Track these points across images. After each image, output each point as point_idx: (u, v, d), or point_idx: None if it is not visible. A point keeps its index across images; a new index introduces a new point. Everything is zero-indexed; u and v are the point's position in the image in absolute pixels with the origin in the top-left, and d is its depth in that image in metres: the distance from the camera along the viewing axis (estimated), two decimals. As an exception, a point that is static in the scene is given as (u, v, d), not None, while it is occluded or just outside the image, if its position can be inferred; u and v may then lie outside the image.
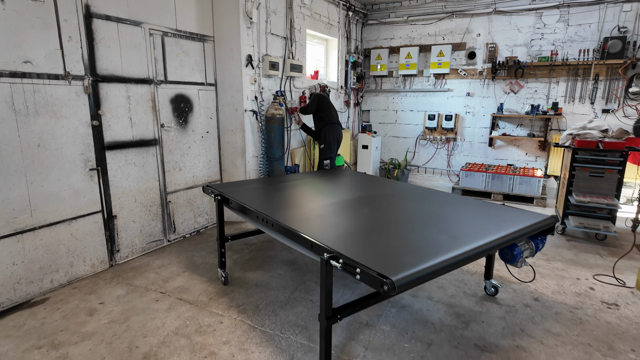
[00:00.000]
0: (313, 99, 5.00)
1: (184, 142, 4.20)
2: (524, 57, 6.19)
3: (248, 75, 4.48)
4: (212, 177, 4.65)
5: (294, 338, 2.46)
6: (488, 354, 2.34)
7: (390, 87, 7.47)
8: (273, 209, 2.61)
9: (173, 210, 4.16)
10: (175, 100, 4.06)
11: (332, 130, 4.95)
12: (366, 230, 2.22)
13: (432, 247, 1.97)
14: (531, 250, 2.50)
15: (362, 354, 2.33)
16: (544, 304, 2.91)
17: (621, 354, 2.34)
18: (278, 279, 3.27)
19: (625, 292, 3.09)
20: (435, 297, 3.01)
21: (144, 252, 3.87)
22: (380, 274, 1.67)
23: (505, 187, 5.79)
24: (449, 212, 2.60)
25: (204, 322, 2.63)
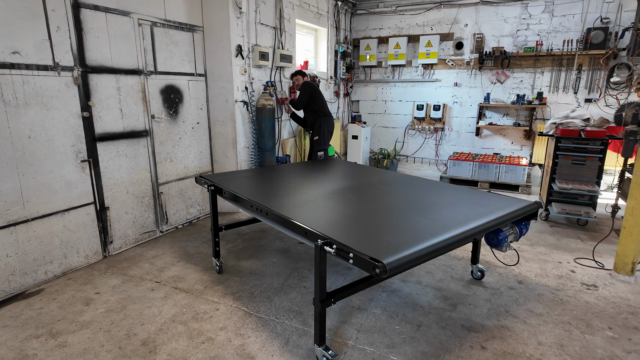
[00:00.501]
0: (303, 90, 4.89)
1: (174, 133, 4.21)
2: (510, 48, 6.29)
3: (238, 66, 4.48)
4: (204, 168, 4.67)
5: (288, 322, 2.54)
6: (474, 333, 2.45)
7: (379, 77, 7.52)
8: (267, 198, 2.67)
9: (165, 202, 4.18)
10: (166, 91, 4.05)
11: (325, 122, 5.00)
12: (357, 217, 2.30)
13: (421, 232, 2.06)
14: (515, 235, 2.61)
15: (355, 336, 2.42)
16: (527, 287, 3.04)
17: (598, 331, 2.48)
18: (272, 267, 3.34)
19: (603, 274, 3.25)
20: (424, 281, 3.12)
21: (137, 243, 3.89)
22: (372, 258, 1.74)
23: (491, 176, 5.93)
24: (437, 199, 2.69)
25: (200, 310, 2.69)
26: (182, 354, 2.23)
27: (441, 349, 2.30)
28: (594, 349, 2.31)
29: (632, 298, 2.88)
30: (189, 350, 2.27)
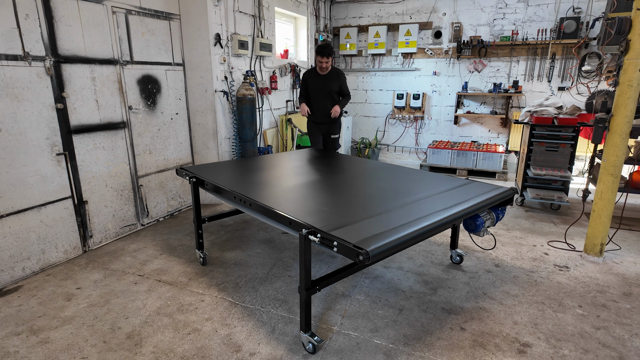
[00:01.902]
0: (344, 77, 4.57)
1: (153, 125, 4.13)
2: (487, 37, 6.40)
3: (217, 55, 4.41)
4: (184, 159, 4.61)
5: (274, 311, 2.58)
6: (454, 315, 2.55)
7: (359, 66, 7.53)
8: (250, 189, 2.67)
9: (145, 194, 4.12)
10: (143, 81, 3.96)
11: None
12: (340, 205, 2.33)
13: (402, 219, 2.11)
14: (492, 220, 2.71)
15: (340, 322, 2.48)
16: (503, 269, 3.17)
17: (569, 310, 2.62)
18: (256, 257, 3.36)
19: (574, 256, 3.41)
20: (406, 267, 3.20)
21: (118, 237, 3.84)
22: (355, 246, 1.79)
23: (469, 163, 6.07)
24: (417, 187, 2.75)
25: (185, 301, 2.69)
26: (168, 346, 2.24)
27: (422, 332, 2.38)
28: (565, 326, 2.44)
29: (600, 277, 3.04)
30: (175, 341, 2.28)
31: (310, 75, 4.52)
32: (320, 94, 4.49)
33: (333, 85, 4.44)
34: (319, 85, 4.46)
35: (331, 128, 4.64)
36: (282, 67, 5.73)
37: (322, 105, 4.51)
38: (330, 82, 4.44)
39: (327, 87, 4.45)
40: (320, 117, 4.58)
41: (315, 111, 4.56)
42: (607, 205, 3.18)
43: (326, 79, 4.44)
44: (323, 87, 4.45)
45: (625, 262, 3.30)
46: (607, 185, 3.15)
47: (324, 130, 4.65)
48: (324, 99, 4.50)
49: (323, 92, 4.48)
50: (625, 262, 3.29)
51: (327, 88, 4.45)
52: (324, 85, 4.45)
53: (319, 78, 4.45)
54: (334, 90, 4.47)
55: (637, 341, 2.30)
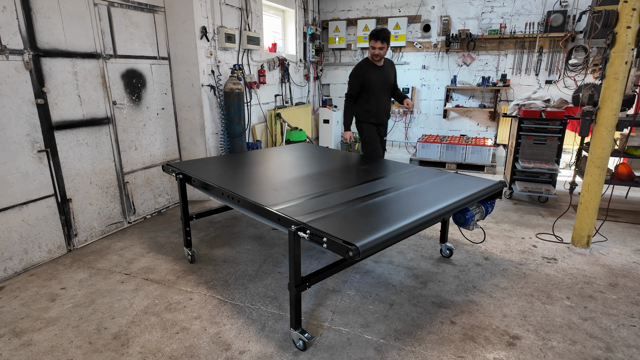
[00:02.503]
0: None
1: (138, 120, 4.04)
2: (475, 30, 6.40)
3: (203, 49, 4.33)
4: (171, 155, 4.53)
5: (264, 308, 2.55)
6: (444, 309, 2.55)
7: (349, 60, 7.49)
8: (238, 185, 2.63)
9: (131, 191, 4.04)
10: (127, 75, 3.86)
11: None
12: (330, 201, 2.31)
13: (392, 214, 2.10)
14: (481, 214, 2.71)
15: (330, 317, 2.47)
16: (493, 262, 3.19)
17: (557, 301, 2.64)
18: (245, 254, 3.33)
19: (562, 248, 3.44)
20: (396, 261, 3.20)
21: (104, 235, 3.76)
22: (345, 242, 1.76)
23: (458, 157, 6.10)
24: (407, 182, 2.74)
25: (173, 300, 2.65)
26: (156, 345, 2.20)
27: (413, 326, 2.38)
28: (554, 317, 2.46)
29: (587, 269, 3.07)
30: (163, 341, 2.24)
31: (366, 69, 3.75)
32: (382, 88, 3.78)
33: (390, 76, 3.82)
34: (379, 79, 3.76)
35: (386, 128, 4.15)
36: (270, 60, 5.66)
37: (384, 102, 3.84)
38: (389, 73, 3.82)
39: (387, 79, 3.80)
40: (382, 117, 3.89)
41: (376, 110, 3.83)
42: (593, 198, 3.22)
43: (384, 70, 3.80)
44: (384, 80, 3.77)
45: (611, 253, 3.34)
46: (593, 178, 3.18)
47: (381, 131, 4.03)
48: (385, 95, 3.84)
49: (384, 87, 3.79)
50: (611, 254, 3.33)
51: (388, 81, 3.80)
52: (384, 77, 3.77)
53: (377, 71, 3.75)
54: (391, 81, 3.85)
55: (623, 331, 2.33)
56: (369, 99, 3.81)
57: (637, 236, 3.69)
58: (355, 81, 3.79)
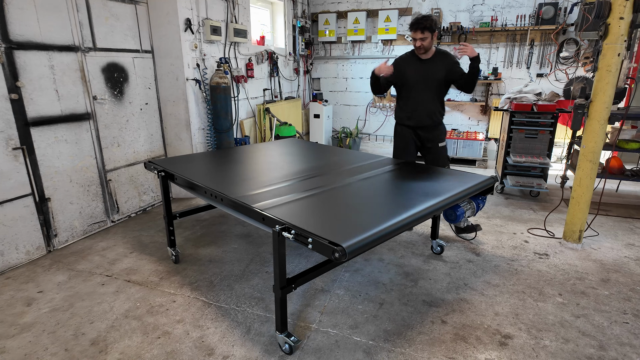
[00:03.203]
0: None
1: (120, 116, 3.91)
2: (466, 23, 6.32)
3: (188, 41, 4.19)
4: (156, 152, 4.41)
5: (250, 310, 2.47)
6: (435, 308, 2.49)
7: (339, 53, 7.37)
8: (222, 182, 2.53)
9: (115, 189, 3.92)
10: (108, 69, 3.72)
11: None
12: (317, 199, 2.23)
13: (380, 212, 2.02)
14: (473, 210, 2.65)
15: (318, 319, 2.39)
16: (484, 259, 3.14)
17: (549, 298, 2.60)
18: (232, 253, 3.24)
19: (554, 243, 3.41)
20: (386, 259, 3.13)
21: (86, 235, 3.64)
22: (331, 242, 1.68)
23: (450, 151, 6.04)
24: (396, 178, 2.66)
25: (155, 303, 2.55)
26: (135, 352, 2.11)
27: (403, 326, 2.32)
28: (546, 315, 2.42)
29: (579, 264, 3.04)
30: (144, 346, 2.15)
31: (405, 61, 3.33)
32: (422, 85, 3.27)
33: (438, 71, 3.21)
34: (419, 74, 3.25)
35: (433, 133, 3.39)
36: (258, 54, 5.53)
37: (424, 101, 3.30)
38: (437, 68, 3.21)
39: (432, 75, 3.23)
40: (418, 118, 3.35)
41: (412, 111, 3.35)
42: (585, 192, 3.18)
43: (430, 64, 3.24)
44: (427, 75, 3.23)
45: (602, 247, 3.31)
46: (585, 172, 3.14)
47: (424, 136, 3.41)
48: (427, 93, 3.28)
49: (427, 83, 3.26)
50: (603, 248, 3.30)
51: (433, 76, 3.23)
52: (428, 72, 3.23)
53: (419, 64, 3.26)
54: (439, 77, 3.22)
55: (616, 328, 2.29)
56: (404, 96, 3.36)
57: (628, 230, 3.67)
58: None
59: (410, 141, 3.46)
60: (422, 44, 3.11)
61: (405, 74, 3.30)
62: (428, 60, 3.24)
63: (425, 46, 3.13)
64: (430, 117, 3.34)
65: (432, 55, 3.24)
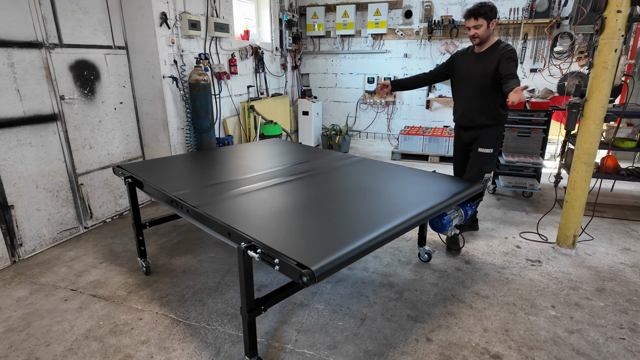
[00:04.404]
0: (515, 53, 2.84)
1: (92, 116, 3.69)
2: (458, 16, 6.13)
3: (164, 36, 3.97)
4: (132, 153, 4.20)
5: (221, 329, 2.29)
6: (420, 324, 2.33)
7: (328, 48, 7.16)
8: (192, 189, 2.34)
9: (87, 194, 3.71)
10: (77, 67, 3.50)
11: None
12: (293, 211, 2.04)
13: (358, 226, 1.84)
14: (460, 218, 2.48)
15: (295, 337, 2.22)
16: (474, 266, 2.98)
17: (542, 311, 2.44)
18: (209, 262, 3.05)
19: (547, 248, 3.26)
20: (371, 267, 2.97)
21: (56, 243, 3.44)
22: (299, 264, 1.51)
23: (441, 149, 5.88)
24: (379, 185, 2.48)
25: (120, 321, 2.37)
26: (92, 379, 1.93)
27: (385, 345, 2.16)
28: (538, 331, 2.26)
29: (572, 272, 2.89)
30: (102, 373, 1.97)
31: (460, 55, 3.07)
32: (467, 82, 2.98)
33: (486, 66, 2.84)
34: (467, 69, 2.97)
35: (475, 136, 3.06)
36: (242, 49, 5.31)
37: (466, 98, 3.02)
38: (484, 62, 2.86)
39: (475, 70, 2.90)
40: (465, 120, 3.07)
41: (456, 109, 3.15)
42: (580, 196, 3.02)
43: (481, 58, 2.90)
44: (474, 71, 2.92)
45: (597, 253, 3.17)
46: (580, 175, 2.98)
47: (468, 138, 3.12)
48: (472, 90, 2.96)
49: (473, 80, 2.94)
50: (598, 254, 3.16)
51: (476, 72, 2.89)
52: (475, 68, 2.91)
53: (470, 59, 2.97)
54: (485, 73, 2.84)
55: (612, 346, 2.15)
56: (454, 93, 3.17)
57: (623, 233, 3.53)
58: (443, 64, 3.20)
59: (458, 143, 3.28)
60: (475, 33, 2.79)
61: (454, 69, 3.09)
62: (481, 53, 2.90)
63: (479, 35, 2.80)
64: (471, 118, 3.03)
65: (486, 48, 2.88)
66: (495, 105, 2.96)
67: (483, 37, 2.84)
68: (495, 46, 2.88)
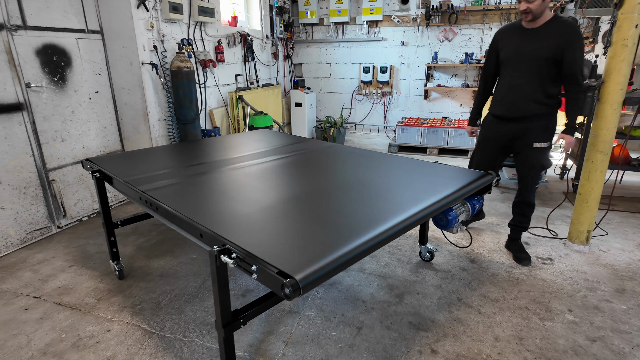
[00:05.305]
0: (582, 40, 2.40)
1: (64, 106, 3.39)
2: (457, 2, 5.85)
3: (142, 20, 3.66)
4: (110, 147, 3.90)
5: (199, 341, 2.03)
6: (423, 332, 2.08)
7: (322, 36, 6.86)
8: (164, 186, 2.06)
9: (60, 191, 3.42)
10: (45, 52, 3.19)
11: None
12: (277, 209, 1.77)
13: (352, 226, 1.58)
14: (467, 213, 2.22)
15: (282, 351, 1.96)
16: (480, 266, 2.73)
17: (558, 316, 2.20)
18: (190, 265, 2.78)
19: (557, 244, 3.01)
20: (368, 268, 2.71)
21: (24, 244, 3.15)
22: (281, 272, 1.24)
23: (440, 141, 5.62)
24: (377, 178, 2.22)
25: (85, 333, 2.10)
26: (44, 405, 1.66)
27: (385, 358, 1.90)
28: (555, 339, 2.02)
29: (588, 271, 2.65)
30: (57, 397, 1.70)
31: (506, 33, 2.62)
32: (515, 62, 2.54)
33: (544, 46, 2.40)
34: (518, 47, 2.51)
35: (527, 129, 2.57)
36: (229, 36, 5.00)
37: (517, 84, 2.54)
38: (541, 40, 2.42)
39: (530, 49, 2.45)
40: (508, 107, 2.60)
41: (503, 96, 2.62)
42: (595, 187, 2.77)
43: (534, 35, 2.45)
44: (522, 49, 2.49)
45: (612, 249, 2.93)
46: (595, 165, 2.73)
47: (514, 132, 2.62)
48: (520, 73, 2.52)
49: (520, 60, 2.51)
50: (613, 250, 2.92)
51: (531, 52, 2.45)
52: (525, 45, 2.48)
53: (521, 36, 2.51)
54: (543, 54, 2.40)
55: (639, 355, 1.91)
56: (500, 77, 2.70)
57: (637, 227, 3.30)
58: (489, 53, 2.71)
59: (493, 137, 2.73)
60: (528, 7, 2.35)
61: (503, 49, 2.60)
62: (534, 30, 2.45)
63: (533, 10, 2.35)
64: (522, 107, 2.53)
65: (542, 23, 2.43)
66: (552, 90, 2.48)
67: (537, 12, 2.37)
68: (554, 22, 2.39)
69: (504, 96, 2.62)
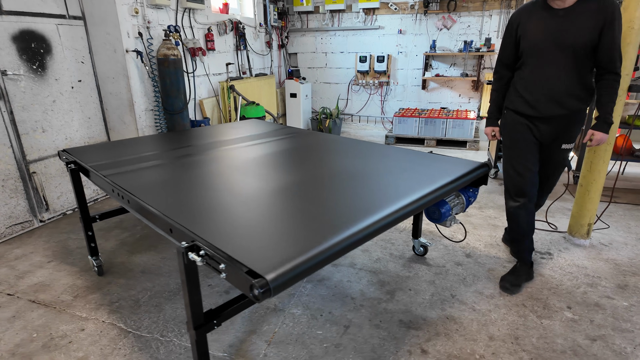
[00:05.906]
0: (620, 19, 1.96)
1: (44, 95, 3.25)
2: (456, -12, 5.66)
3: (126, 5, 3.51)
4: (95, 138, 3.77)
5: (177, 341, 1.92)
6: (414, 331, 1.97)
7: (317, 25, 6.68)
8: (141, 177, 1.94)
9: (41, 183, 3.30)
10: (21, 38, 3.05)
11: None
12: (258, 203, 1.65)
13: (335, 220, 1.46)
14: (462, 206, 2.10)
15: (264, 351, 1.85)
16: (476, 260, 2.62)
17: (557, 313, 2.09)
18: (173, 260, 2.67)
19: (557, 238, 2.90)
20: (359, 263, 2.60)
21: (4, 239, 3.04)
22: (250, 271, 1.13)
23: (438, 132, 5.48)
24: (367, 170, 2.09)
25: (57, 332, 1.99)
26: (7, 411, 1.56)
27: (372, 359, 1.79)
28: (553, 338, 1.91)
29: (588, 265, 2.53)
30: (22, 402, 1.60)
31: (527, 14, 2.11)
32: (548, 52, 2.05)
33: (582, 28, 1.95)
34: (549, 31, 2.02)
35: (559, 128, 2.18)
36: (220, 23, 4.84)
37: (551, 76, 2.07)
38: (577, 22, 1.96)
39: (566, 34, 1.98)
40: (541, 105, 2.13)
41: (533, 90, 2.14)
42: (597, 179, 2.64)
43: (567, 17, 1.98)
44: (556, 34, 2.00)
45: (614, 243, 2.81)
46: (598, 155, 2.60)
47: (543, 131, 2.20)
48: (554, 64, 2.05)
49: (554, 49, 2.03)
50: (615, 244, 2.80)
51: (568, 37, 1.98)
52: (558, 29, 2.00)
53: (548, 16, 2.03)
54: (582, 40, 1.96)
55: (643, 356, 1.80)
56: (522, 69, 2.18)
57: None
58: (505, 40, 2.23)
59: (528, 135, 2.22)
60: None
61: (527, 34, 2.09)
62: (565, 10, 1.98)
63: None
64: (560, 101, 2.08)
65: (576, 1, 1.96)
66: (589, 81, 2.08)
67: None
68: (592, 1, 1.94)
69: (534, 90, 2.14)
